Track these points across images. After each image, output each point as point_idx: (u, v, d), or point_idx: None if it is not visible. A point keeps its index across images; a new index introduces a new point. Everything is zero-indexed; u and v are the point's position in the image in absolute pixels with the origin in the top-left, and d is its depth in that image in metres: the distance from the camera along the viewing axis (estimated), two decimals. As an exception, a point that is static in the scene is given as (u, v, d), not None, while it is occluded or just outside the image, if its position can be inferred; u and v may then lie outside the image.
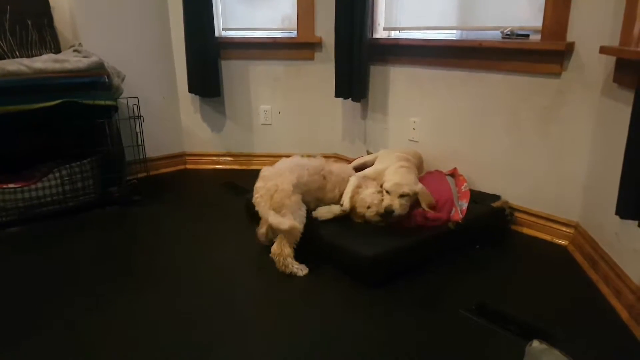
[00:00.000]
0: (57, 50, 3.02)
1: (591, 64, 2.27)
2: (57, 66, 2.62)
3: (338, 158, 3.68)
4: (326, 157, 3.68)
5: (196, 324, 1.85)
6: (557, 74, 2.39)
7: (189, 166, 3.87)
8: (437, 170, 2.82)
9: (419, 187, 2.32)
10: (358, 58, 3.07)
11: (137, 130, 3.20)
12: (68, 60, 2.66)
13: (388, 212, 2.24)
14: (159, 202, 3.12)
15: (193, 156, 3.87)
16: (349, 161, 3.33)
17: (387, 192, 2.28)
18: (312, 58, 3.51)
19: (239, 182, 3.45)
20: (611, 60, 2.15)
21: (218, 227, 2.74)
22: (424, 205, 2.32)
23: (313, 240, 2.29)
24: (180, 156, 3.85)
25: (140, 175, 3.31)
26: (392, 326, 1.82)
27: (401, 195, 2.25)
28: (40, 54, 2.88)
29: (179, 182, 3.55)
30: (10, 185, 2.66)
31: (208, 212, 2.97)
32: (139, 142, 3.22)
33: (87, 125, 2.83)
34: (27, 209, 2.69)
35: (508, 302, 1.96)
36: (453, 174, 2.77)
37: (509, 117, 2.62)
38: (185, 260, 2.36)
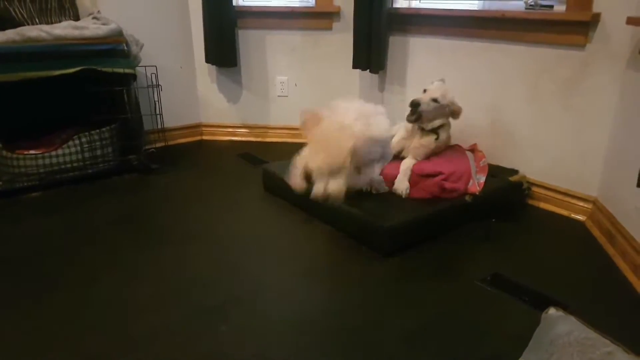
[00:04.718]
0: (76, 17, 3.02)
1: (617, 35, 2.22)
2: (76, 33, 2.62)
3: (354, 131, 3.66)
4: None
5: (211, 284, 1.90)
6: (582, 46, 2.34)
7: (205, 137, 3.88)
8: (456, 145, 2.80)
9: (451, 97, 2.44)
10: (377, 28, 3.04)
11: (155, 99, 3.21)
12: (87, 27, 2.67)
13: (414, 103, 2.36)
14: (176, 171, 3.14)
15: (209, 127, 3.87)
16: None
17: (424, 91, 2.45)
18: (330, 28, 3.47)
19: (254, 154, 3.46)
20: (638, 31, 2.09)
21: (234, 195, 2.76)
22: (446, 117, 2.47)
23: (328, 209, 2.30)
24: (197, 127, 3.86)
25: (158, 144, 3.33)
26: (407, 295, 1.84)
27: (433, 100, 2.39)
28: (60, 21, 2.88)
29: (196, 153, 3.57)
30: (31, 152, 2.69)
31: (224, 181, 2.99)
32: (157, 111, 3.23)
33: (106, 93, 2.85)
34: (48, 175, 2.73)
35: (523, 275, 1.95)
36: (473, 149, 2.75)
37: (530, 89, 2.58)
38: (202, 224, 2.39)
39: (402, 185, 2.33)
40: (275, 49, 3.59)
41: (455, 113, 2.48)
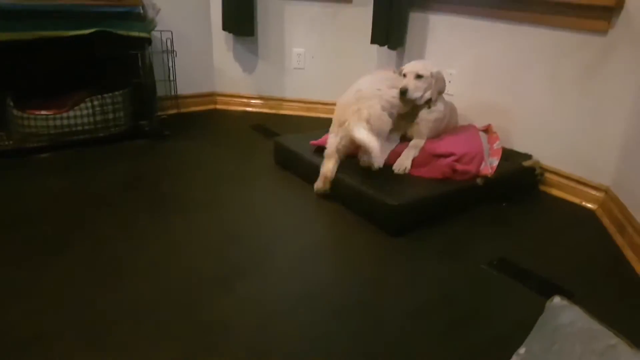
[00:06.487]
0: (93, -22, 2.99)
1: (642, 21, 2.16)
2: (92, -6, 2.60)
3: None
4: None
5: (218, 253, 1.90)
6: (604, 32, 2.28)
7: (219, 106, 3.86)
8: (470, 125, 2.76)
9: (436, 70, 2.42)
10: (398, 3, 2.97)
11: (170, 65, 3.19)
12: (104, -11, 2.64)
13: (402, 91, 2.36)
14: (188, 138, 3.13)
15: (223, 96, 3.85)
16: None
17: (404, 75, 2.43)
18: (349, 1, 3.40)
19: (268, 126, 3.44)
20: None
21: (245, 166, 2.76)
22: (434, 91, 2.42)
23: (340, 187, 2.30)
24: (211, 95, 3.84)
25: (170, 111, 3.33)
26: (411, 275, 1.83)
27: (417, 76, 2.37)
28: (76, -19, 2.85)
29: (209, 121, 3.55)
30: (43, 112, 2.69)
31: (236, 151, 2.98)
32: (171, 78, 3.22)
33: (120, 57, 2.83)
34: (58, 136, 2.73)
35: (530, 260, 1.94)
36: (487, 130, 2.71)
37: (549, 73, 2.53)
38: (211, 194, 2.39)
39: (402, 162, 2.34)
40: (294, 20, 3.54)
41: (439, 80, 2.45)
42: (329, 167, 2.31)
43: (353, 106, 2.27)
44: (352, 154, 2.37)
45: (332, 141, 2.34)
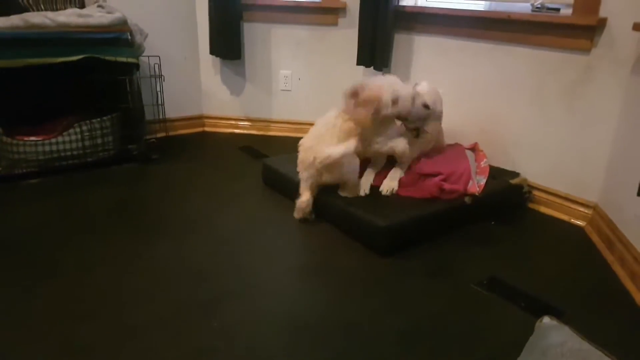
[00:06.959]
0: (82, 5, 3.01)
1: (623, 40, 2.21)
2: (80, 21, 2.61)
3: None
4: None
5: (207, 277, 1.90)
6: (587, 50, 2.32)
7: (207, 129, 3.87)
8: (457, 144, 2.78)
9: (440, 109, 2.45)
10: (383, 25, 3.02)
11: (158, 89, 3.20)
12: (91, 16, 2.66)
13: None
14: (176, 161, 3.13)
15: (212, 119, 3.86)
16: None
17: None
18: (335, 23, 3.44)
19: (256, 147, 3.44)
20: (645, 37, 2.08)
21: (233, 188, 2.76)
22: (428, 124, 2.44)
23: (328, 207, 2.30)
24: (199, 118, 3.85)
25: (159, 135, 3.33)
26: (402, 296, 1.83)
27: (424, 106, 2.39)
28: (65, 9, 2.86)
29: (197, 144, 3.56)
30: (32, 138, 2.69)
31: (224, 173, 2.98)
32: (159, 102, 3.23)
33: (108, 82, 2.84)
34: (47, 162, 2.73)
35: (520, 279, 1.95)
36: (473, 148, 2.73)
37: (533, 91, 2.56)
38: (200, 216, 2.39)
39: (389, 183, 2.35)
40: (280, 43, 3.57)
41: (436, 117, 2.48)
42: (303, 199, 2.28)
43: (313, 148, 2.28)
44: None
45: (304, 177, 2.30)
